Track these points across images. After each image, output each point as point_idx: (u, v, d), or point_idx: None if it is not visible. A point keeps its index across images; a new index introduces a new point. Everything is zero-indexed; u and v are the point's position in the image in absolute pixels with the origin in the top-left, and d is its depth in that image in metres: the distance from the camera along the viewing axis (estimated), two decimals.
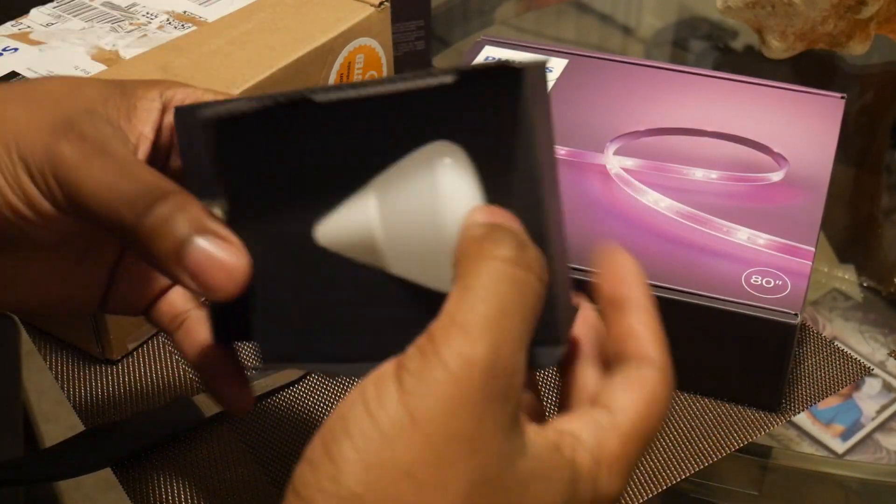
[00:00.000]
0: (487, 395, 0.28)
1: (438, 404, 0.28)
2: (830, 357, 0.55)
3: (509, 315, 0.29)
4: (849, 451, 0.53)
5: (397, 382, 0.28)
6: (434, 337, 0.28)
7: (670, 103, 0.63)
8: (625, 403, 0.32)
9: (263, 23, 0.61)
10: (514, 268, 0.29)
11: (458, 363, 0.28)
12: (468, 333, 0.28)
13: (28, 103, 0.37)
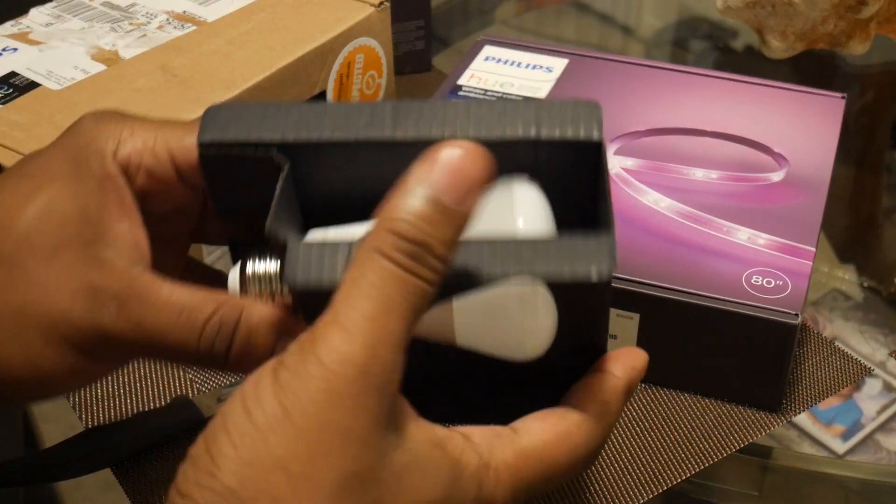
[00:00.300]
0: (362, 390, 0.28)
1: (311, 398, 0.28)
2: (831, 357, 0.55)
3: (391, 314, 0.29)
4: (849, 452, 0.53)
5: (273, 377, 0.29)
6: (314, 333, 0.29)
7: (670, 103, 0.63)
8: (531, 427, 0.33)
9: (263, 23, 0.61)
10: (404, 271, 0.29)
11: (332, 359, 0.28)
12: (346, 330, 0.28)
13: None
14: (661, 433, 0.51)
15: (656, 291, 0.50)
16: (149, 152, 0.36)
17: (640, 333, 0.52)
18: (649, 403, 0.52)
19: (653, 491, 0.48)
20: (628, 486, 0.48)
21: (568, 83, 0.66)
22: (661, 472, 0.49)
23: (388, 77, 0.66)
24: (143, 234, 0.36)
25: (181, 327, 0.34)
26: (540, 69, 0.67)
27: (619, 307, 0.51)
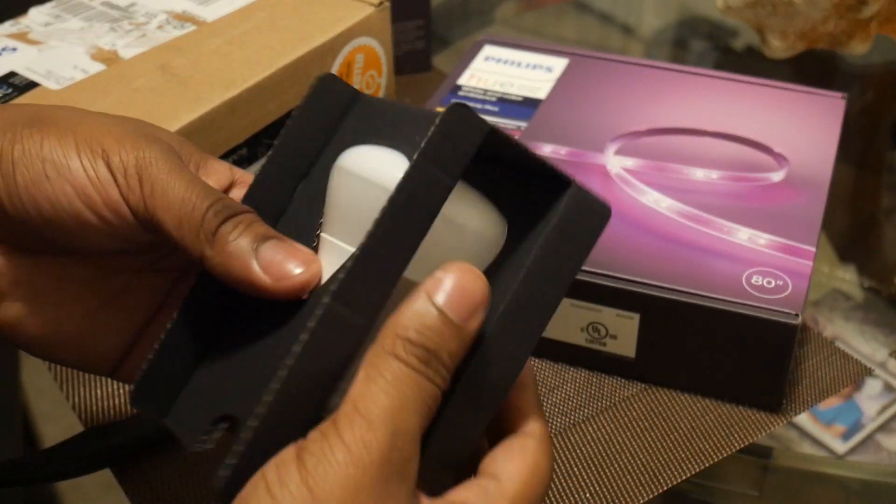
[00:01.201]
0: (385, 476, 0.30)
1: (339, 483, 0.29)
2: (831, 357, 0.55)
3: (407, 410, 0.31)
4: (850, 452, 0.53)
5: (299, 463, 0.30)
6: (337, 422, 0.30)
7: (670, 103, 0.63)
8: (510, 471, 0.34)
9: (263, 22, 0.61)
10: (417, 374, 0.32)
11: (358, 446, 0.30)
12: (369, 421, 0.30)
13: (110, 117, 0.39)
14: (661, 433, 0.51)
15: (656, 291, 0.50)
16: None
17: (640, 333, 0.52)
18: (649, 403, 0.52)
19: (653, 491, 0.48)
20: (628, 486, 0.48)
21: (568, 83, 0.66)
22: (660, 473, 0.49)
23: (388, 77, 0.66)
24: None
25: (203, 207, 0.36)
26: (540, 69, 0.67)
27: (619, 307, 0.51)
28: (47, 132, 0.37)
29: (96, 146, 0.37)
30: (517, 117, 0.62)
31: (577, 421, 0.52)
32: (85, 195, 0.37)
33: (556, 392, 0.53)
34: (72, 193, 0.37)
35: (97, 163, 0.37)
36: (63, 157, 0.37)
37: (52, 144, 0.37)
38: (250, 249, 0.36)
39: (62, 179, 0.37)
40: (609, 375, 0.54)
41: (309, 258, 0.36)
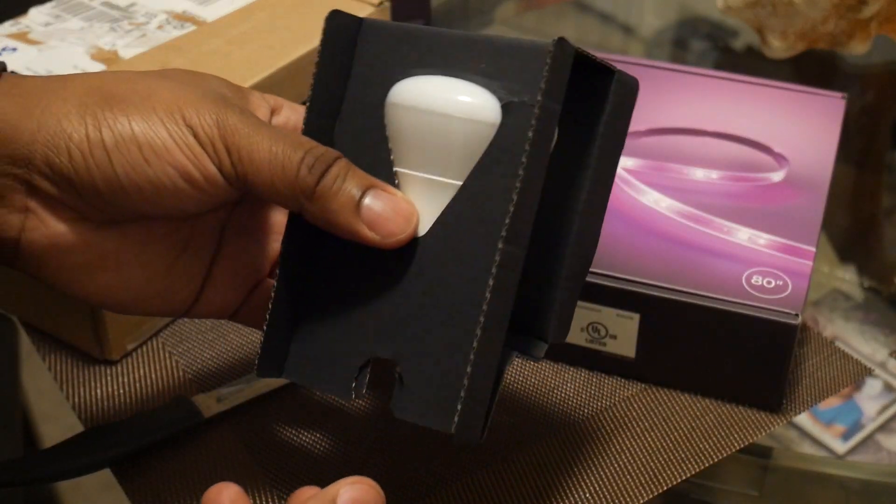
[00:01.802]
0: None
1: None
2: (831, 357, 0.55)
3: None
4: (850, 452, 0.53)
5: None
6: None
7: (670, 103, 0.63)
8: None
9: (263, 22, 0.61)
10: None
11: None
12: None
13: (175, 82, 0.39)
14: (661, 433, 0.51)
15: (656, 291, 0.50)
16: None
17: (640, 333, 0.52)
18: (649, 403, 0.52)
19: (653, 491, 0.48)
20: (628, 486, 0.48)
21: None
22: (660, 473, 0.49)
23: None
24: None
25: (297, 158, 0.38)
26: None
27: (619, 307, 0.51)
28: (129, 111, 0.37)
29: (178, 118, 0.38)
30: None
31: (577, 421, 0.52)
32: (186, 173, 0.37)
33: (556, 392, 0.53)
34: (174, 174, 0.37)
35: (188, 137, 0.37)
36: (157, 138, 0.37)
37: (141, 126, 0.37)
38: (353, 205, 0.38)
39: (162, 162, 0.37)
40: (609, 375, 0.54)
41: (409, 211, 0.38)
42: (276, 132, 0.38)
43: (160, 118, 0.37)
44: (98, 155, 0.37)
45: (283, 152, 0.37)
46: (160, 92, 0.38)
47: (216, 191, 0.38)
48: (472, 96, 0.39)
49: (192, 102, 0.38)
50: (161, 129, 0.37)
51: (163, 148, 0.37)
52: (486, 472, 0.49)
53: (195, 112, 0.38)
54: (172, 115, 0.38)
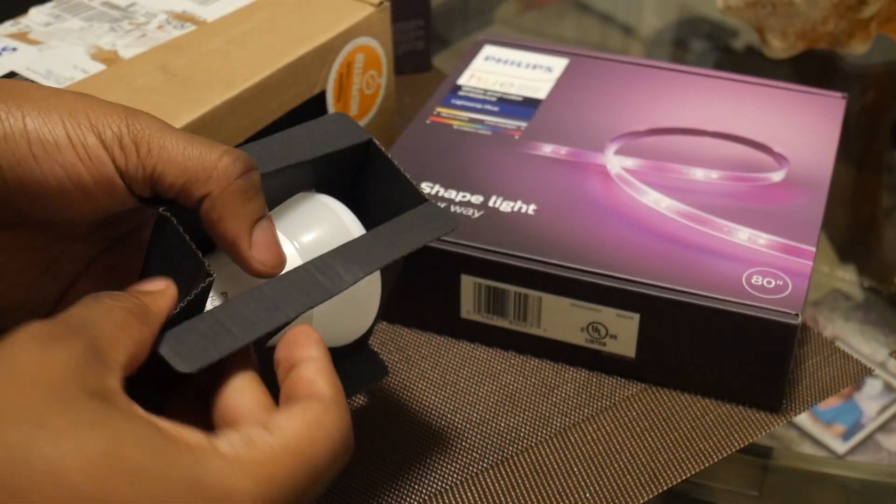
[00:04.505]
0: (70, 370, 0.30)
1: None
2: (831, 357, 0.55)
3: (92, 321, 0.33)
4: (850, 452, 0.53)
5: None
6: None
7: (670, 103, 0.63)
8: (283, 426, 0.32)
9: (263, 23, 0.61)
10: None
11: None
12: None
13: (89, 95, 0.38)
14: (661, 433, 0.51)
15: (656, 291, 0.50)
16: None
17: (639, 333, 0.52)
18: (649, 403, 0.52)
19: (653, 491, 0.48)
20: (628, 486, 0.48)
21: (568, 83, 0.66)
22: (660, 472, 0.49)
23: (388, 77, 0.66)
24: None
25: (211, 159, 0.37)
26: (540, 69, 0.67)
27: (620, 307, 0.51)
28: (25, 106, 0.36)
29: (82, 118, 0.36)
30: (517, 117, 0.62)
31: (577, 421, 0.52)
32: (75, 174, 0.36)
33: (556, 392, 0.53)
34: (61, 174, 0.35)
35: (86, 136, 0.36)
36: (50, 134, 0.35)
37: (35, 122, 0.35)
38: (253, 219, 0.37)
39: (51, 160, 0.35)
40: (609, 375, 0.54)
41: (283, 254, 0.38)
42: (189, 134, 0.37)
43: (60, 116, 0.36)
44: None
45: (201, 144, 0.37)
46: (65, 95, 0.37)
47: (105, 195, 0.37)
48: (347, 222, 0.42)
49: (100, 106, 0.37)
50: (58, 126, 0.36)
51: (53, 145, 0.35)
52: (487, 472, 0.49)
53: (102, 113, 0.36)
54: (75, 115, 0.36)
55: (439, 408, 0.52)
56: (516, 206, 0.55)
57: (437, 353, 0.55)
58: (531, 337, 0.54)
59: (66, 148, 0.35)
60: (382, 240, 0.41)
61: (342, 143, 0.43)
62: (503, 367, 0.55)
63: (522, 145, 0.60)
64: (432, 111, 0.63)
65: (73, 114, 0.36)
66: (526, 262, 0.52)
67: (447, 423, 0.51)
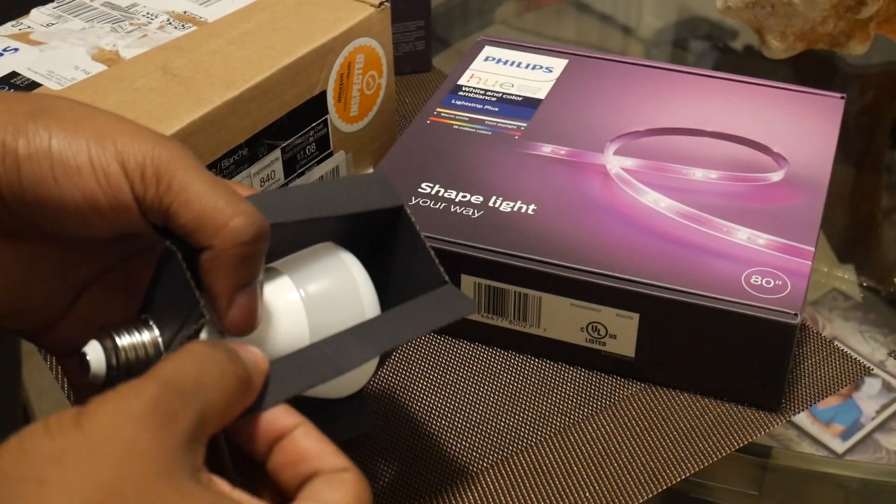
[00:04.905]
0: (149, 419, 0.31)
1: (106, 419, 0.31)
2: (830, 357, 0.55)
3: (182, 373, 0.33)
4: (849, 451, 0.53)
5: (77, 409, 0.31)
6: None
7: (670, 103, 0.63)
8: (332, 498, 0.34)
9: (263, 23, 0.61)
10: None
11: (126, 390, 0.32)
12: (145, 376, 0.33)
13: (114, 113, 0.38)
14: (661, 433, 0.51)
15: (656, 291, 0.50)
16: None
17: (639, 333, 0.52)
18: (648, 403, 0.52)
19: (652, 490, 0.48)
20: (627, 485, 0.48)
21: (568, 83, 0.66)
22: (660, 472, 0.49)
23: (388, 77, 0.66)
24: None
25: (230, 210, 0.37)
26: (540, 69, 0.67)
27: (619, 307, 0.51)
28: (55, 127, 0.36)
29: (108, 144, 0.36)
30: (517, 117, 0.62)
31: (577, 420, 0.52)
32: (93, 199, 0.36)
33: (556, 391, 0.53)
34: (79, 197, 0.36)
35: (109, 164, 0.36)
36: (73, 158, 0.36)
37: (61, 143, 0.36)
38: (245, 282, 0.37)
39: (70, 183, 0.36)
40: (608, 375, 0.54)
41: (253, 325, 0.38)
42: (215, 177, 0.37)
43: (87, 140, 0.36)
44: (9, 163, 0.36)
45: (221, 195, 0.36)
46: (98, 117, 0.37)
47: (122, 220, 0.37)
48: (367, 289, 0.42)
49: (131, 132, 0.37)
50: (82, 150, 0.36)
51: (75, 169, 0.36)
52: (487, 471, 0.49)
53: (130, 140, 0.37)
54: (103, 140, 0.36)
55: (439, 408, 0.52)
56: (516, 206, 0.55)
57: (436, 353, 0.56)
58: (531, 337, 0.54)
59: (87, 173, 0.36)
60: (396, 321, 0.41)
61: (373, 204, 0.42)
62: (503, 367, 0.55)
63: (522, 145, 0.60)
64: (432, 111, 0.63)
65: (100, 139, 0.36)
66: (526, 262, 0.52)
67: (447, 423, 0.52)
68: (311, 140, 0.61)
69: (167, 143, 0.37)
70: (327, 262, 0.42)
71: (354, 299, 0.41)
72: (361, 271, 0.42)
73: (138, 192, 0.36)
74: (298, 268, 0.41)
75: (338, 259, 0.42)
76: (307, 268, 0.41)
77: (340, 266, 0.42)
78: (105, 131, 0.37)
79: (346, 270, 0.41)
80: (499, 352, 0.56)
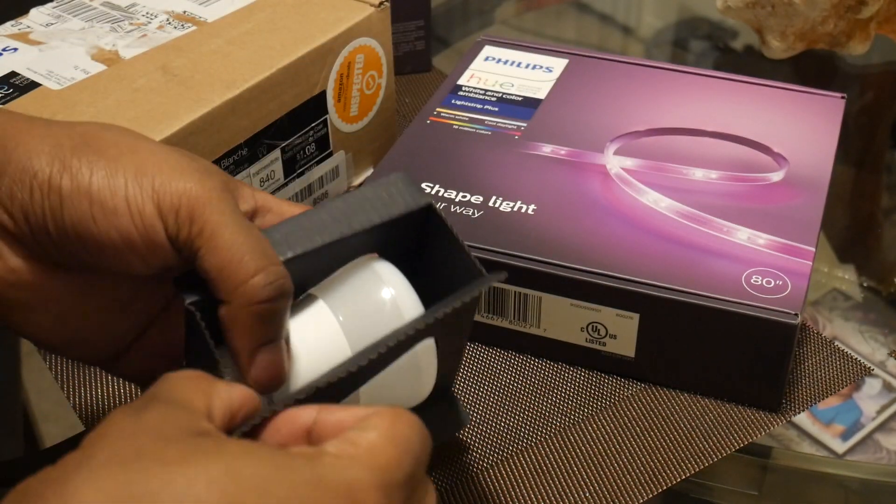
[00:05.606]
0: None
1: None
2: (830, 357, 0.55)
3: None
4: (849, 452, 0.53)
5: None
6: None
7: (670, 103, 0.63)
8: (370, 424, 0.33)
9: (263, 23, 0.61)
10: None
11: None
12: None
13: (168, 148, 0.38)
14: (661, 433, 0.51)
15: (656, 291, 0.50)
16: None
17: (639, 333, 0.52)
18: (649, 403, 0.52)
19: (652, 490, 0.48)
20: (628, 485, 0.48)
21: (568, 83, 0.66)
22: (660, 472, 0.49)
23: (388, 77, 0.66)
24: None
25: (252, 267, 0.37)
26: (540, 69, 0.67)
27: (619, 307, 0.51)
28: (97, 164, 0.37)
29: (146, 183, 0.37)
30: (517, 117, 0.62)
31: (577, 420, 0.52)
32: (129, 239, 0.37)
33: (556, 391, 0.53)
34: (116, 236, 0.37)
35: (145, 203, 0.36)
36: (111, 199, 0.36)
37: (101, 181, 0.36)
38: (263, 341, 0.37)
39: (108, 224, 0.36)
40: (608, 375, 0.54)
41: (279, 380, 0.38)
42: (249, 226, 0.37)
43: (125, 177, 0.37)
44: (53, 199, 0.36)
45: (249, 248, 0.36)
46: (142, 152, 0.37)
47: (159, 258, 0.38)
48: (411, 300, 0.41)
49: (172, 168, 0.37)
50: (120, 189, 0.36)
51: (112, 209, 0.36)
52: (487, 471, 0.49)
53: (169, 178, 0.37)
54: (140, 177, 0.37)
55: None
56: (516, 206, 0.55)
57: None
58: (531, 337, 0.54)
59: (123, 213, 0.36)
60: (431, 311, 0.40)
61: (400, 209, 0.42)
62: (503, 367, 0.55)
63: (522, 145, 0.60)
64: (432, 111, 0.63)
65: (139, 176, 0.37)
66: (526, 262, 0.52)
67: None
68: (311, 140, 0.61)
69: (207, 183, 0.37)
70: (364, 283, 0.41)
71: (393, 315, 0.41)
72: (400, 282, 0.41)
73: (171, 233, 0.37)
74: (336, 291, 0.41)
75: (374, 276, 0.41)
76: (344, 291, 0.41)
77: (377, 284, 0.41)
78: (146, 168, 0.37)
79: (380, 285, 0.41)
80: (499, 352, 0.56)
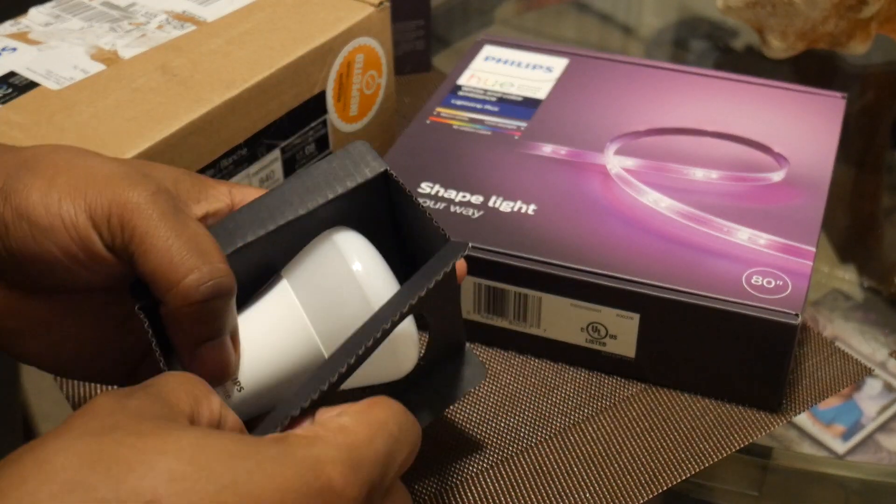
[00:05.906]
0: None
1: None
2: (831, 357, 0.55)
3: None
4: (849, 452, 0.53)
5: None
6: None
7: (670, 103, 0.63)
8: (348, 409, 0.34)
9: (263, 23, 0.61)
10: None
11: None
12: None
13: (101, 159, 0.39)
14: (661, 433, 0.51)
15: (656, 291, 0.50)
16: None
17: (639, 333, 0.52)
18: (649, 403, 0.52)
19: (652, 491, 0.48)
20: (628, 485, 0.48)
21: (568, 83, 0.66)
22: (660, 472, 0.49)
23: (388, 77, 0.66)
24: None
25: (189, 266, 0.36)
26: (540, 69, 0.67)
27: (619, 307, 0.51)
28: (33, 185, 0.37)
29: (78, 197, 0.37)
30: (517, 117, 0.62)
31: (577, 421, 0.52)
32: (70, 253, 0.37)
33: (556, 392, 0.53)
34: (58, 253, 0.37)
35: (78, 217, 0.37)
36: (45, 216, 0.37)
37: (36, 201, 0.37)
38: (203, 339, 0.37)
39: (48, 241, 0.37)
40: (609, 375, 0.54)
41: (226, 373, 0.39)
42: (183, 227, 0.37)
43: (59, 194, 0.37)
44: (1, 227, 0.37)
45: (179, 249, 0.36)
46: (77, 168, 0.38)
47: (106, 268, 0.38)
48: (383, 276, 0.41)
49: (105, 178, 0.37)
50: (53, 205, 0.37)
51: (48, 227, 0.37)
52: (487, 472, 0.49)
53: (101, 189, 0.37)
54: (74, 192, 0.37)
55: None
56: (516, 206, 0.55)
57: None
58: (531, 337, 0.54)
59: (59, 229, 0.37)
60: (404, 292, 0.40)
61: (356, 179, 0.42)
62: (503, 367, 0.55)
63: (522, 145, 0.60)
64: (432, 111, 0.63)
65: (72, 191, 0.37)
66: (526, 262, 0.52)
67: (447, 423, 0.51)
68: (311, 140, 0.61)
69: (138, 189, 0.37)
70: (324, 257, 0.41)
71: (355, 288, 0.40)
72: (365, 253, 0.41)
73: (107, 242, 0.37)
74: (298, 270, 0.41)
75: (334, 249, 0.41)
76: (305, 268, 0.41)
77: (335, 256, 0.41)
78: (78, 183, 0.37)
79: (341, 260, 0.41)
80: (499, 352, 0.55)
